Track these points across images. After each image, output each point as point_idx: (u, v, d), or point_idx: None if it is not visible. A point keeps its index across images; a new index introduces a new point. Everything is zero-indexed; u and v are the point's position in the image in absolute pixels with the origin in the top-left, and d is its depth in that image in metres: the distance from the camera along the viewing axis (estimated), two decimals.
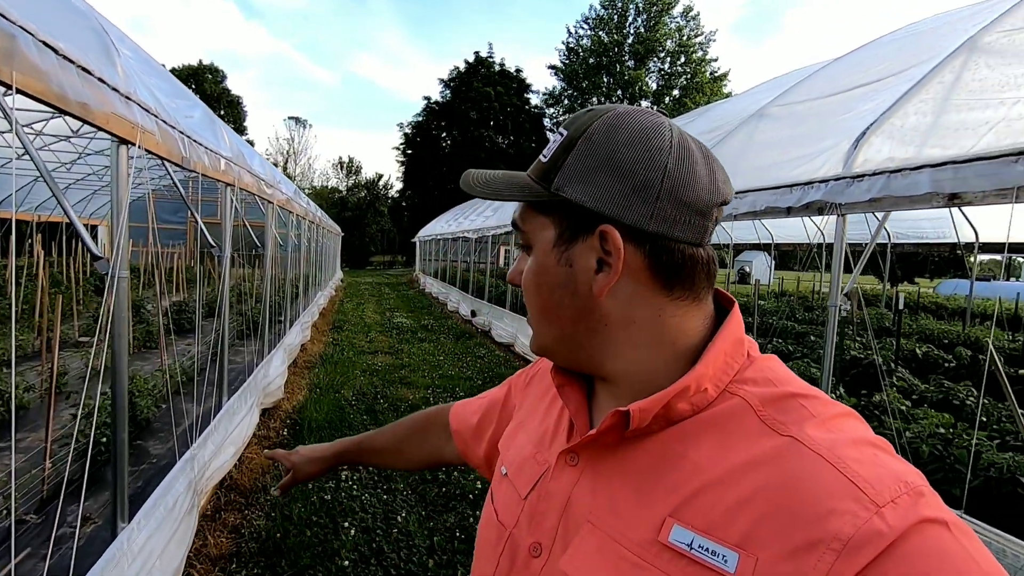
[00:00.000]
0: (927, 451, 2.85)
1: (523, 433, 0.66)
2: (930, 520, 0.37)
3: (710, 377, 0.49)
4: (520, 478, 0.60)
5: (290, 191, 6.61)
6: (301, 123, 43.29)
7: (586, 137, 0.51)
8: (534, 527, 0.54)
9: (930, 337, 6.60)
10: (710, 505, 0.44)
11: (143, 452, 3.77)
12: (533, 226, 0.54)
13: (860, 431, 0.45)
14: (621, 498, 0.49)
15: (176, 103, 2.90)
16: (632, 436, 0.50)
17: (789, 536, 0.39)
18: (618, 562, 0.46)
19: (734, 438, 0.46)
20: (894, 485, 0.39)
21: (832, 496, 0.39)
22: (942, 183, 2.35)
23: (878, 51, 4.44)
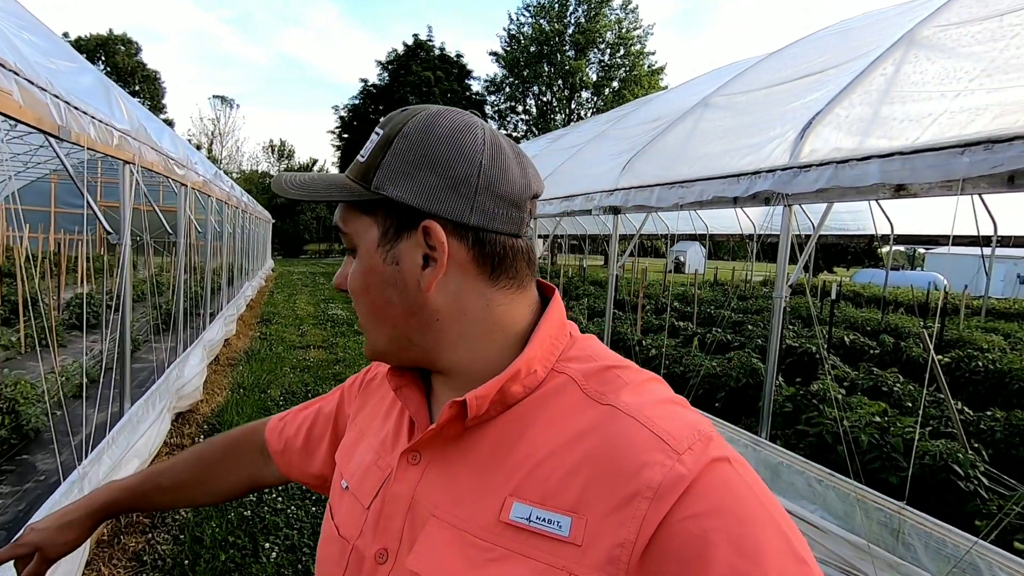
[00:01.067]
0: (866, 440, 2.88)
1: (363, 443, 0.64)
2: (717, 459, 0.43)
3: (539, 359, 0.52)
4: (362, 488, 0.58)
5: (209, 173, 6.04)
6: (228, 103, 40.68)
7: (402, 135, 0.51)
8: (379, 533, 0.53)
9: (855, 325, 6.93)
10: (544, 478, 0.46)
11: (29, 468, 3.29)
12: (356, 227, 0.54)
13: (663, 392, 0.50)
14: (464, 487, 0.50)
15: (56, 64, 2.47)
16: (473, 424, 0.51)
17: (612, 493, 0.43)
18: (465, 549, 0.47)
19: (563, 413, 0.49)
20: (690, 433, 0.44)
21: (644, 451, 0.43)
22: (890, 174, 2.33)
23: (815, 44, 4.50)
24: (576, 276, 13.47)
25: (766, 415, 3.07)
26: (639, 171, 4.34)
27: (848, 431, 3.02)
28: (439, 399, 0.57)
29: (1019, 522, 2.33)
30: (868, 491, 2.45)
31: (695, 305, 6.40)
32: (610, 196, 4.41)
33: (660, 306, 8.52)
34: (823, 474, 2.64)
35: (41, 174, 12.02)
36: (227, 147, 40.37)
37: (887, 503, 2.35)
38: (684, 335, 6.05)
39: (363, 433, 0.66)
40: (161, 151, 3.68)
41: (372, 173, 0.51)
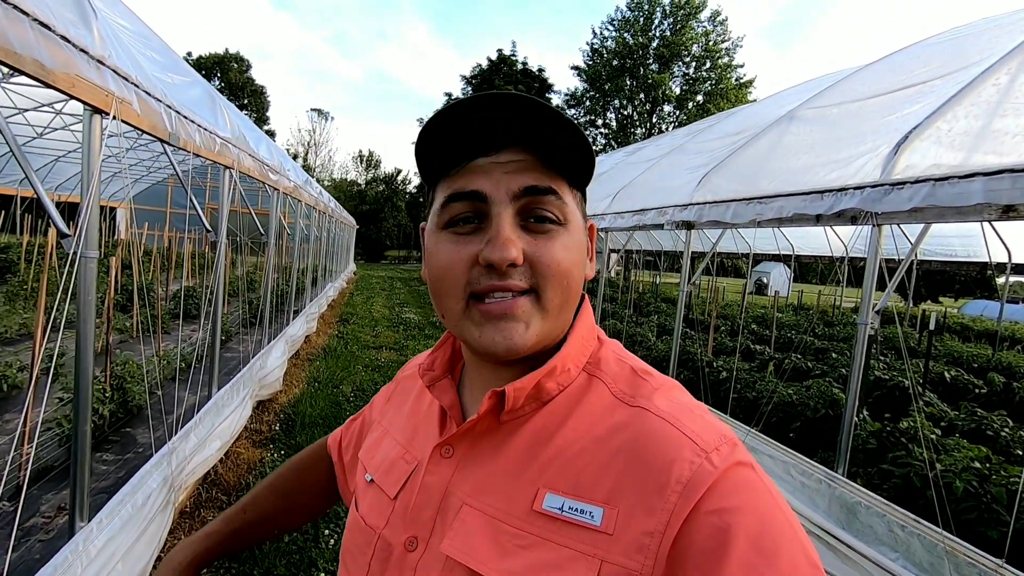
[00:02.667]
0: (961, 487, 2.60)
1: (388, 440, 0.66)
2: (741, 463, 0.46)
3: (572, 358, 0.54)
4: (388, 480, 0.60)
5: (299, 179, 6.48)
6: (323, 115, 43.49)
7: None
8: (409, 522, 0.54)
9: (959, 360, 6.28)
10: (578, 471, 0.48)
11: (131, 440, 3.65)
12: (571, 200, 0.53)
13: (687, 398, 0.53)
14: (498, 479, 0.51)
15: (172, 78, 2.76)
16: (508, 420, 0.53)
17: (643, 485, 0.45)
18: (497, 536, 0.48)
19: (595, 412, 0.52)
20: (717, 437, 0.47)
21: (674, 448, 0.46)
22: (998, 193, 2.11)
23: (920, 54, 4.17)
24: (648, 292, 13.13)
25: (844, 450, 2.85)
26: (715, 185, 4.19)
27: (940, 475, 2.74)
28: (470, 394, 0.59)
29: None
30: (960, 543, 2.20)
31: (773, 328, 6.05)
32: (684, 211, 4.29)
33: (736, 328, 8.14)
34: (907, 520, 2.41)
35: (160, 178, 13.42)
36: (321, 156, 43.11)
37: (983, 559, 2.10)
38: (760, 359, 5.73)
39: (387, 431, 0.68)
40: (257, 157, 4.00)
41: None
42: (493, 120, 0.49)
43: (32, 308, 6.43)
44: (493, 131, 0.49)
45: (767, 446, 3.33)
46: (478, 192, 0.50)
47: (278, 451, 3.81)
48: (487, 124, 0.49)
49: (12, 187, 10.75)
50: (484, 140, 0.50)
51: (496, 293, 0.50)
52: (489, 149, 0.50)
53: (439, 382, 0.60)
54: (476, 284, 0.50)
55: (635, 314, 8.70)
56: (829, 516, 2.75)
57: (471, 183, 0.50)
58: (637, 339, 6.48)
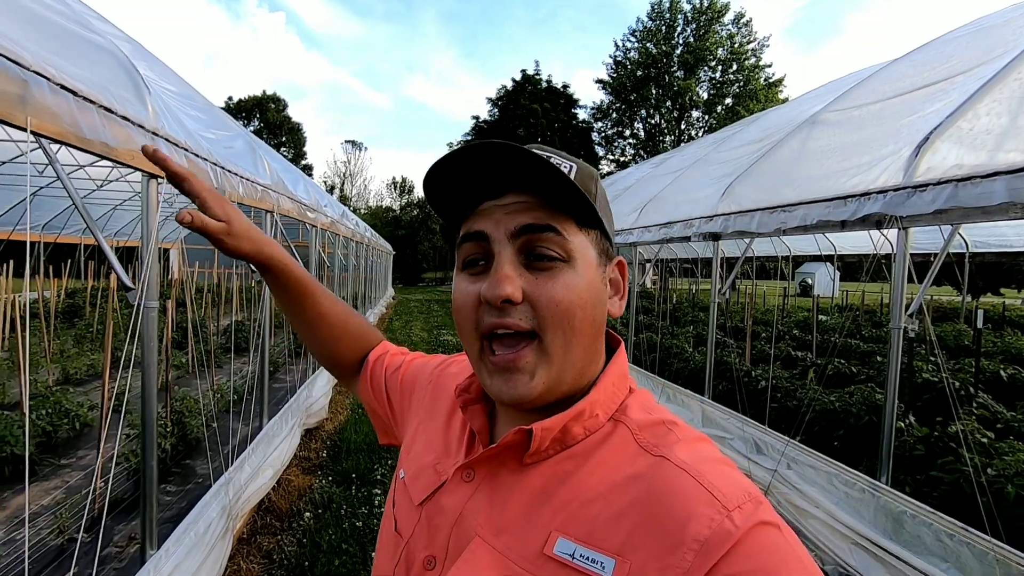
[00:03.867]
0: (1013, 492, 2.51)
1: (421, 440, 0.67)
2: (766, 523, 0.43)
3: (601, 403, 0.54)
4: (416, 485, 0.61)
5: (336, 214, 6.78)
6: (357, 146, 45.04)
7: (595, 177, 0.56)
8: (429, 540, 0.55)
9: (1018, 357, 5.97)
10: (591, 518, 0.47)
11: (190, 472, 3.88)
12: (577, 241, 0.53)
13: (713, 452, 0.51)
14: (512, 516, 0.51)
15: (216, 134, 3.00)
16: (530, 463, 0.53)
17: (658, 540, 0.44)
18: (506, 574, 0.48)
19: (615, 458, 0.51)
20: (740, 494, 0.45)
21: (693, 503, 0.44)
22: (1021, 192, 2.09)
23: (943, 48, 4.10)
24: (685, 301, 12.97)
25: (886, 457, 2.79)
26: (739, 195, 4.20)
27: (991, 480, 2.65)
28: (502, 422, 0.59)
29: None
30: (1013, 551, 2.14)
31: (814, 332, 5.92)
32: (709, 223, 4.31)
33: (779, 334, 7.96)
34: (956, 528, 2.35)
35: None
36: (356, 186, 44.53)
37: None
38: (801, 366, 5.61)
39: (421, 431, 0.69)
40: (296, 199, 4.25)
41: (591, 198, 0.52)
42: (496, 165, 0.51)
43: (99, 350, 6.89)
44: (497, 176, 0.52)
45: (808, 456, 3.28)
46: (481, 232, 0.52)
47: (326, 477, 3.98)
48: (491, 169, 0.51)
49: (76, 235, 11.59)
50: (488, 185, 0.52)
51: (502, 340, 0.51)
52: (494, 193, 0.53)
53: (472, 405, 0.60)
54: (482, 322, 0.51)
55: (671, 325, 8.63)
56: (875, 526, 2.69)
57: (476, 225, 0.53)
58: (673, 351, 6.44)
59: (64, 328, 8.99)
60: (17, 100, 1.27)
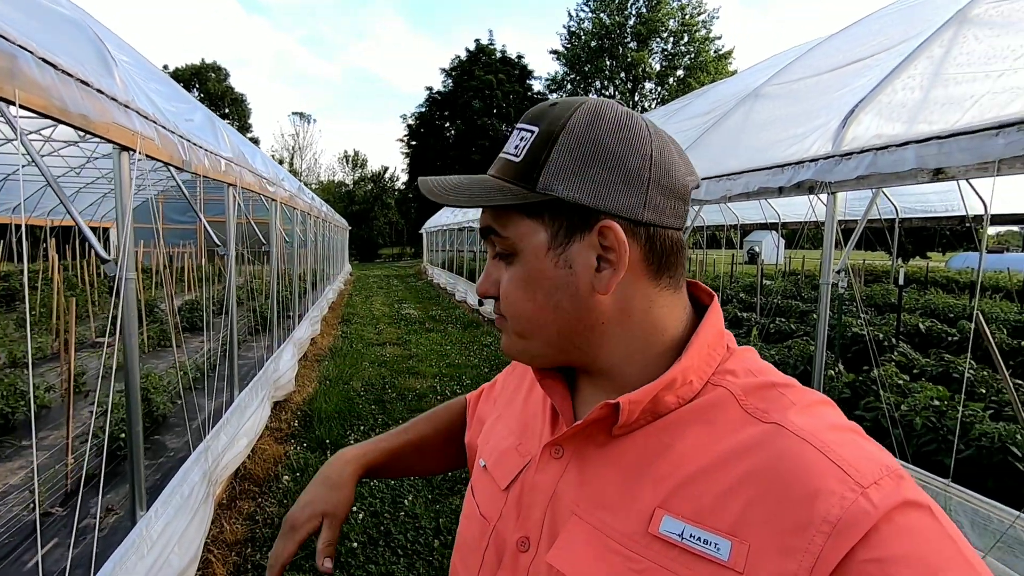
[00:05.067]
0: (920, 423, 2.89)
1: (501, 424, 0.65)
2: (912, 502, 0.38)
3: (695, 369, 0.49)
4: (500, 470, 0.59)
5: (294, 188, 6.70)
6: (306, 118, 43.46)
7: (567, 131, 0.48)
8: (521, 521, 0.53)
9: (935, 312, 6.59)
10: (699, 494, 0.44)
11: (160, 446, 3.91)
12: (518, 231, 0.50)
13: (837, 417, 0.46)
14: (608, 490, 0.48)
15: (176, 107, 2.98)
16: (620, 433, 0.50)
17: (779, 520, 0.40)
18: (607, 554, 0.46)
19: (719, 427, 0.46)
20: (876, 468, 0.40)
21: (818, 477, 0.39)
22: (926, 159, 2.38)
23: (872, 26, 4.41)
24: None
25: None
26: None
27: (903, 415, 3.03)
28: (584, 395, 0.56)
29: None
30: (915, 470, 2.50)
31: (758, 295, 6.34)
32: None
33: (727, 298, 8.43)
34: None
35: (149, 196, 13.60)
36: (306, 160, 43.14)
37: (933, 480, 2.40)
38: (747, 325, 6.03)
39: (501, 415, 0.67)
40: (256, 172, 4.23)
41: (535, 172, 0.48)
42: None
43: (45, 332, 6.65)
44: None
45: None
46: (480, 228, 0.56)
47: (300, 444, 4.09)
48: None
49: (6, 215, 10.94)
50: None
51: None
52: None
53: (549, 380, 0.57)
54: None
55: None
56: None
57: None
58: None
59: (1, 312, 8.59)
60: (7, 74, 1.32)
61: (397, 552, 2.78)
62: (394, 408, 4.92)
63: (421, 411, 3.26)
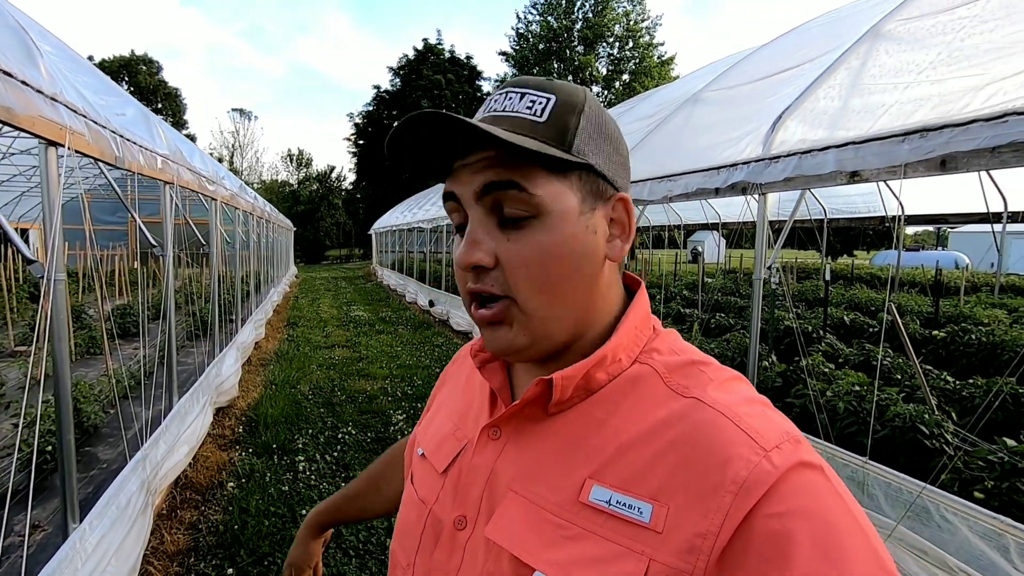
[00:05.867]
0: (843, 407, 3.12)
1: (441, 414, 0.67)
2: (806, 463, 0.43)
3: (624, 347, 0.52)
4: (438, 455, 0.60)
5: (235, 187, 6.47)
6: (246, 115, 41.80)
7: (587, 105, 0.51)
8: (458, 501, 0.55)
9: (858, 305, 7.08)
10: (626, 464, 0.47)
11: (92, 458, 3.71)
12: (547, 191, 0.49)
13: (749, 392, 0.50)
14: (544, 466, 0.50)
15: (106, 100, 2.85)
16: (555, 411, 0.52)
17: (696, 483, 0.43)
18: (541, 524, 0.48)
19: (645, 403, 0.49)
20: (778, 434, 0.44)
21: (730, 445, 0.44)
22: (844, 162, 2.58)
23: (800, 37, 4.71)
24: None
25: None
26: (633, 167, 4.60)
27: (828, 400, 3.26)
28: (521, 377, 0.59)
29: (980, 474, 2.57)
30: (837, 449, 2.70)
31: (700, 292, 6.61)
32: None
33: (671, 295, 8.74)
34: None
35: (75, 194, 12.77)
36: (247, 158, 41.52)
37: (853, 459, 2.60)
38: (690, 321, 6.29)
39: (441, 406, 0.69)
40: (195, 170, 4.07)
41: (569, 136, 0.49)
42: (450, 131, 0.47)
43: None
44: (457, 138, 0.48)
45: None
46: (452, 193, 0.52)
47: (245, 450, 3.97)
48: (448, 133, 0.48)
49: None
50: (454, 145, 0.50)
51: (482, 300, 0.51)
52: (462, 152, 0.51)
53: (489, 364, 0.59)
54: (465, 284, 0.52)
55: None
56: None
57: (449, 186, 0.52)
58: None
59: None
60: None
61: (349, 553, 2.76)
62: (344, 411, 4.84)
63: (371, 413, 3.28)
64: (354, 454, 3.91)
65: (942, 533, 2.21)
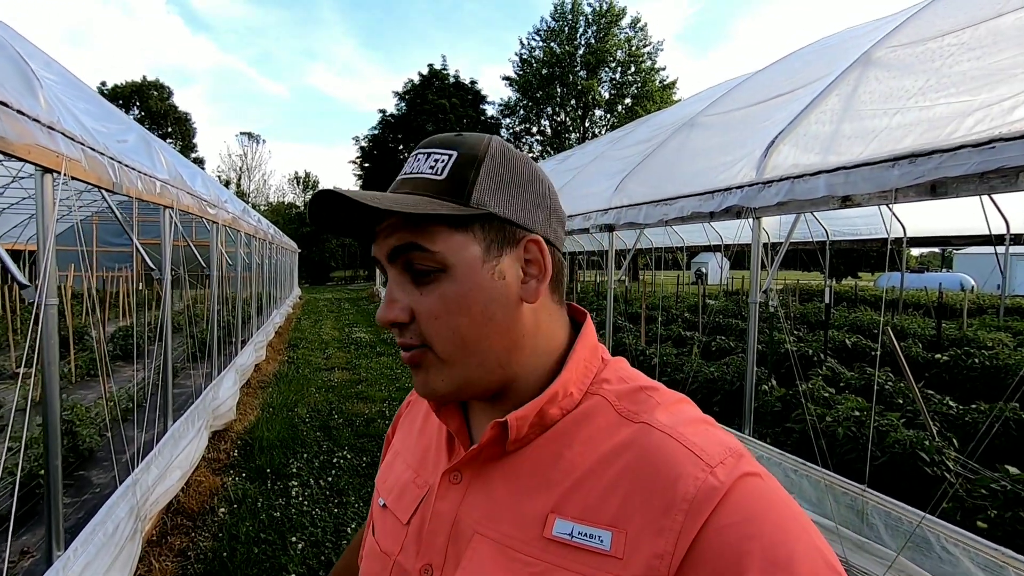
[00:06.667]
0: (843, 433, 3.08)
1: (399, 461, 0.66)
2: (749, 474, 0.45)
3: (575, 381, 0.54)
4: (400, 504, 0.60)
5: (237, 210, 6.54)
6: (254, 138, 42.43)
7: (490, 156, 0.53)
8: (424, 550, 0.54)
9: (860, 328, 7.02)
10: (584, 494, 0.48)
11: (85, 482, 3.69)
12: (448, 245, 0.50)
13: (694, 413, 0.52)
14: (506, 505, 0.51)
15: (107, 127, 2.90)
16: (513, 449, 0.53)
17: (649, 505, 0.45)
18: (510, 564, 0.48)
19: (598, 432, 0.51)
20: (722, 450, 0.46)
21: (678, 464, 0.45)
22: (835, 187, 2.58)
23: (793, 64, 4.77)
24: (591, 291, 13.69)
25: (748, 412, 3.29)
26: (630, 190, 4.63)
27: (828, 426, 3.22)
28: (478, 419, 0.59)
29: (982, 503, 2.51)
30: (835, 477, 2.65)
31: (700, 315, 6.58)
32: (604, 215, 4.71)
33: (672, 317, 8.71)
34: (797, 464, 2.85)
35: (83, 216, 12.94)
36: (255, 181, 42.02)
37: (851, 487, 2.55)
38: (690, 344, 6.25)
39: (398, 452, 0.68)
40: (195, 194, 4.12)
41: (466, 188, 0.51)
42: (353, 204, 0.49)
43: None
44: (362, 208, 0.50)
45: None
46: (375, 258, 0.55)
47: (238, 475, 3.93)
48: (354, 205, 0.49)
49: None
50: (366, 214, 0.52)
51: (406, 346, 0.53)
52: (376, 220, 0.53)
53: (444, 407, 0.59)
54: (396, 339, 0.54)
55: None
56: None
57: (373, 250, 0.55)
58: None
59: None
60: None
61: None
62: (341, 434, 4.81)
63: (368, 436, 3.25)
64: (348, 479, 3.87)
65: (943, 565, 2.16)
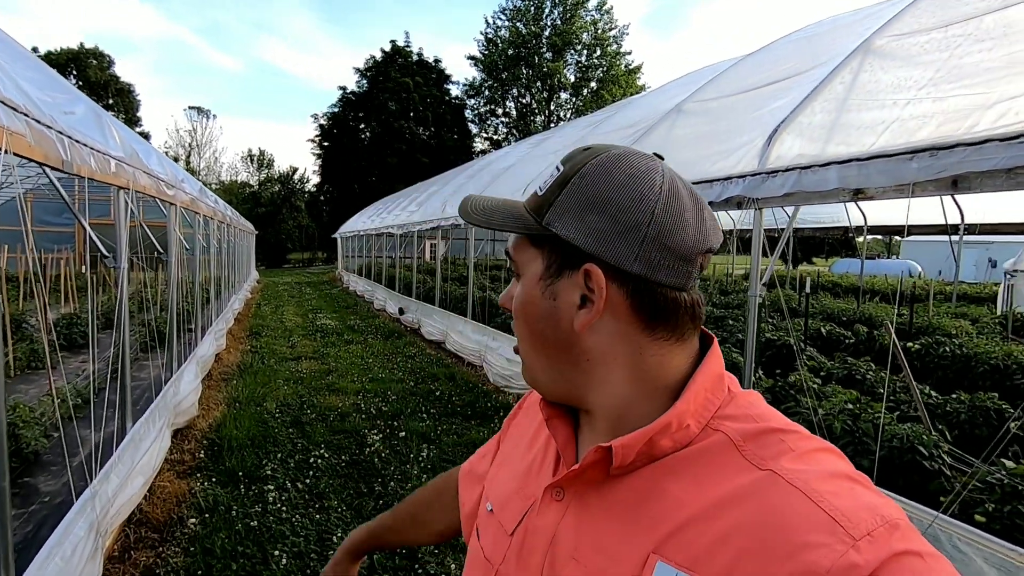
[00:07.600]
0: (839, 427, 3.07)
1: (507, 467, 0.66)
2: (906, 552, 0.37)
3: (692, 413, 0.49)
4: (505, 513, 0.60)
5: (195, 190, 6.09)
6: (204, 113, 40.23)
7: (580, 175, 0.51)
8: (522, 566, 0.54)
9: (831, 316, 7.17)
10: (692, 540, 0.44)
11: (32, 491, 3.35)
12: (524, 256, 0.55)
13: (838, 465, 0.45)
14: (605, 534, 0.49)
15: (53, 97, 2.55)
16: (617, 473, 0.50)
17: (767, 570, 0.39)
18: None
19: (715, 473, 0.46)
20: (870, 518, 0.39)
21: (808, 529, 0.39)
22: (848, 179, 2.51)
23: (779, 52, 4.71)
24: None
25: None
26: None
27: (823, 419, 3.20)
28: (585, 437, 0.57)
29: (979, 496, 2.53)
30: None
31: None
32: None
33: None
34: None
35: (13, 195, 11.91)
36: (205, 158, 40.00)
37: None
38: None
39: (508, 458, 0.68)
40: (153, 174, 3.76)
41: (546, 209, 0.52)
42: None
43: None
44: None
45: None
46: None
47: (207, 479, 3.66)
48: None
49: None
50: None
51: None
52: None
53: (556, 418, 0.58)
54: None
55: None
56: None
57: None
58: None
59: None
60: None
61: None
62: (314, 430, 4.56)
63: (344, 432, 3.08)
64: (328, 480, 3.65)
65: (954, 563, 2.15)
